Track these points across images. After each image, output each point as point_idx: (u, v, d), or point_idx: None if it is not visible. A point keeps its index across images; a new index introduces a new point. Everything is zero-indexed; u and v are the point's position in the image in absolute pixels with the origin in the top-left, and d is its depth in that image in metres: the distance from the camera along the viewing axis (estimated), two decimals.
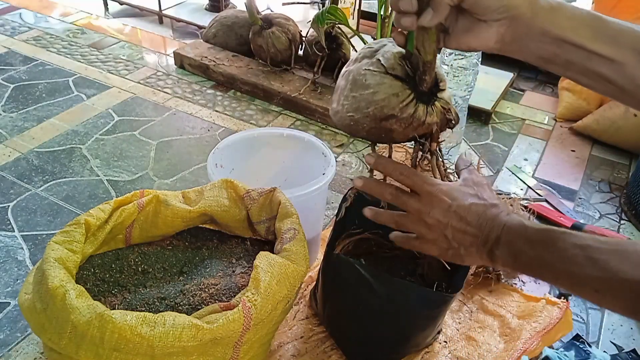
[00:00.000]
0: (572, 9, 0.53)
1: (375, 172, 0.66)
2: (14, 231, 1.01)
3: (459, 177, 0.63)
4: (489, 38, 0.54)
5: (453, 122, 0.61)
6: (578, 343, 0.81)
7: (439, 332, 0.83)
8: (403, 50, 0.59)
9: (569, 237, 0.51)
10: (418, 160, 0.64)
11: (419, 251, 0.65)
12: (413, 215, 0.60)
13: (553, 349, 0.80)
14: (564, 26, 0.52)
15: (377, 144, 0.68)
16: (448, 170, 0.67)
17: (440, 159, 0.64)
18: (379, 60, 0.59)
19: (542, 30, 0.53)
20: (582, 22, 0.53)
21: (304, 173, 0.92)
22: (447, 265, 0.70)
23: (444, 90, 0.60)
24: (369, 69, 0.59)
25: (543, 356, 0.79)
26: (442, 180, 0.63)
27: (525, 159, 1.29)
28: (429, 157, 0.63)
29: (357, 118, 0.60)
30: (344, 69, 0.63)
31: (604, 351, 0.80)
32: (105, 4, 1.97)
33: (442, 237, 0.59)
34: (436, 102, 0.59)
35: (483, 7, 0.52)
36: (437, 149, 0.64)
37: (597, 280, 0.49)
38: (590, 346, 0.81)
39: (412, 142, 0.63)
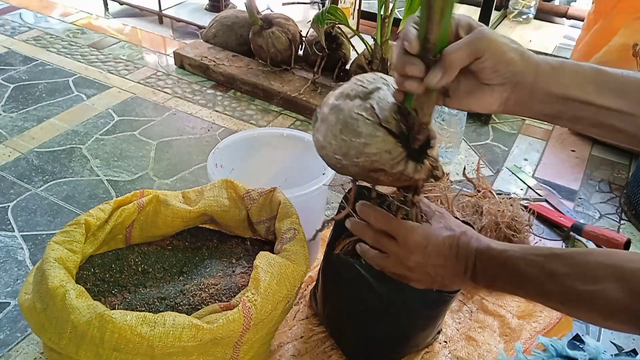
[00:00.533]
0: (574, 66, 0.53)
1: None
2: (14, 231, 1.01)
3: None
4: (492, 102, 0.54)
5: (440, 177, 0.61)
6: (578, 343, 0.81)
7: (439, 332, 0.83)
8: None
9: (527, 255, 0.54)
10: (398, 209, 0.65)
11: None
12: (393, 259, 0.63)
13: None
14: (567, 84, 0.52)
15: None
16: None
17: (419, 210, 0.66)
18: (373, 108, 0.57)
19: (546, 91, 0.53)
20: (586, 78, 0.53)
21: (304, 173, 0.92)
22: None
23: (433, 147, 0.60)
24: (361, 115, 0.57)
25: (537, 342, 0.79)
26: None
27: (525, 159, 1.29)
28: (408, 207, 0.64)
29: (344, 163, 0.59)
30: (332, 101, 0.61)
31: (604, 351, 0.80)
32: (105, 4, 1.97)
33: (424, 275, 0.63)
34: (425, 160, 0.59)
35: (491, 71, 0.51)
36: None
37: (559, 294, 0.52)
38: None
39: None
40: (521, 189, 1.19)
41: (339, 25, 1.41)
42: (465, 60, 0.50)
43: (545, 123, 1.43)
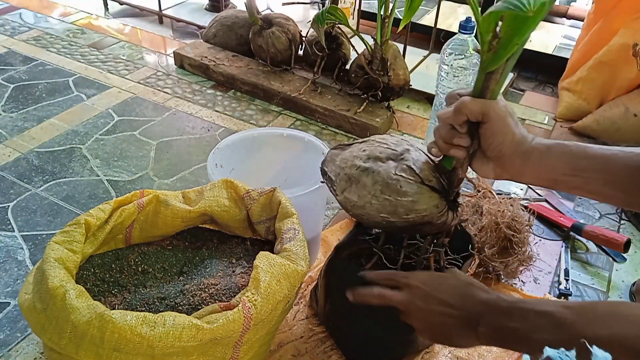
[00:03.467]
0: (561, 147, 0.60)
1: None
2: (14, 231, 1.01)
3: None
4: (488, 171, 0.63)
5: (465, 220, 0.70)
6: None
7: None
8: (429, 160, 0.66)
9: (537, 306, 0.55)
10: (430, 252, 0.70)
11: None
12: (401, 310, 0.65)
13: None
14: (554, 166, 0.60)
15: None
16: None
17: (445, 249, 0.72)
18: (411, 168, 0.64)
19: (536, 173, 0.61)
20: (573, 156, 0.59)
21: (304, 173, 0.92)
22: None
23: (459, 195, 0.68)
24: (401, 175, 0.64)
25: (544, 356, 0.79)
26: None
27: None
28: (439, 249, 0.70)
29: (392, 220, 0.65)
30: (360, 163, 0.67)
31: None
32: (105, 4, 1.97)
33: (428, 324, 0.63)
34: (459, 208, 0.67)
35: (488, 141, 0.60)
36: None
37: (564, 344, 0.51)
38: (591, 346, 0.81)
39: None
40: (521, 189, 1.19)
41: (339, 25, 1.41)
42: (477, 114, 0.58)
43: (545, 122, 1.43)
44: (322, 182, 0.76)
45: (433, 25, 1.44)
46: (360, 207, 0.66)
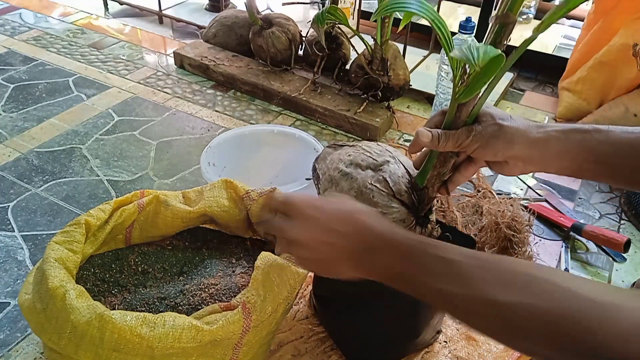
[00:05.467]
0: (579, 134, 0.57)
1: None
2: (14, 231, 1.01)
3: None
4: (510, 171, 0.61)
5: (437, 237, 0.70)
6: None
7: (439, 332, 0.83)
8: (406, 175, 0.66)
9: (436, 251, 0.48)
10: None
11: None
12: (285, 238, 0.56)
13: None
14: (576, 154, 0.57)
15: None
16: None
17: None
18: (386, 181, 0.65)
19: (558, 163, 0.58)
20: (594, 142, 0.56)
21: (296, 169, 0.92)
22: None
23: (432, 212, 0.69)
24: (376, 186, 0.64)
25: None
26: None
27: None
28: None
29: None
30: (342, 167, 0.68)
31: None
32: (105, 4, 1.97)
33: (311, 252, 0.55)
34: (428, 225, 0.67)
35: (482, 158, 0.60)
36: None
37: (464, 299, 0.45)
38: None
39: None
40: (521, 189, 1.19)
41: (339, 25, 1.41)
42: (468, 150, 0.59)
43: (545, 122, 1.43)
44: (307, 179, 0.77)
45: None
46: None
